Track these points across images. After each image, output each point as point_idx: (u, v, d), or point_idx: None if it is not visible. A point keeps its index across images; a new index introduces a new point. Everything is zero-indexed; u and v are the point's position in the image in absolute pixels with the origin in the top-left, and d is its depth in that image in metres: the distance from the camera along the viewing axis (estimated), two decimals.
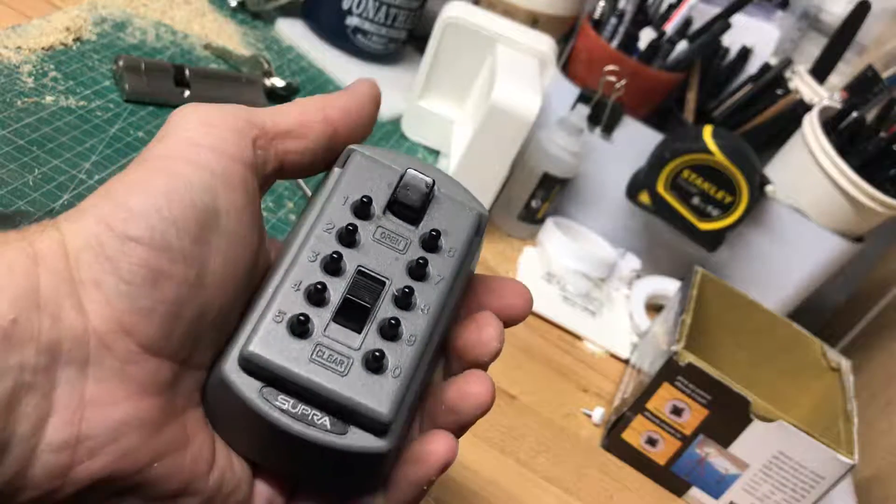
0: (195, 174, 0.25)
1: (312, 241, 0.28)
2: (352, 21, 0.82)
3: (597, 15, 0.78)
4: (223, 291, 0.26)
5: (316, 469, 0.28)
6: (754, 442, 0.55)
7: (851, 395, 0.61)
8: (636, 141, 0.75)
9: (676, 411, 0.57)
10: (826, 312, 0.96)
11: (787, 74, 0.81)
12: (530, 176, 0.73)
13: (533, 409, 0.60)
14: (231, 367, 0.26)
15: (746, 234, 0.76)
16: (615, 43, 0.77)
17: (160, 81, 0.65)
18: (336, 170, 0.30)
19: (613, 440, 0.60)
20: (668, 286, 0.77)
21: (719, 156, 0.68)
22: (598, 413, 0.62)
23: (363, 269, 0.28)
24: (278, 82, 0.72)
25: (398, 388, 0.26)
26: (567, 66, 0.79)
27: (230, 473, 0.27)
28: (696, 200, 0.72)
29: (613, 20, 0.77)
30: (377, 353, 0.26)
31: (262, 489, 0.28)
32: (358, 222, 0.28)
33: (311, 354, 0.26)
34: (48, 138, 0.56)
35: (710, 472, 0.58)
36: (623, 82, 0.72)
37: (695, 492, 0.59)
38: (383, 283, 0.28)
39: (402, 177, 0.29)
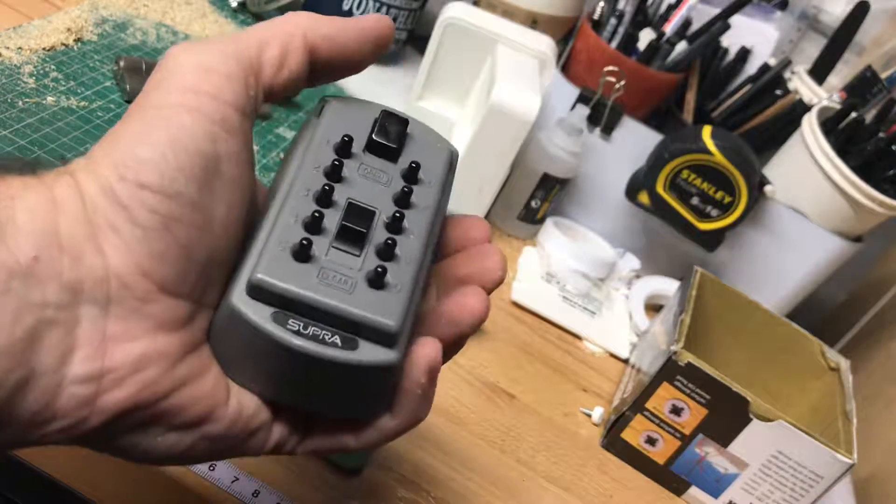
0: (196, 123, 0.26)
1: (302, 178, 0.29)
2: None
3: (596, 15, 0.78)
4: (228, 234, 0.27)
5: (330, 391, 0.28)
6: (753, 441, 0.56)
7: (850, 394, 0.61)
8: (636, 141, 0.75)
9: (676, 411, 0.57)
10: (825, 312, 0.96)
11: (787, 75, 0.81)
12: (530, 176, 0.74)
13: (533, 409, 0.60)
14: (239, 297, 0.26)
15: (746, 234, 0.76)
16: (615, 43, 0.77)
17: None
18: (314, 120, 0.31)
19: (613, 439, 0.60)
20: (667, 286, 0.78)
21: (718, 156, 0.69)
22: (598, 412, 0.62)
23: (353, 201, 0.29)
24: None
25: (402, 301, 0.28)
26: (567, 67, 0.79)
27: (248, 400, 0.28)
28: (695, 200, 0.72)
29: (613, 21, 0.77)
30: (380, 270, 0.27)
31: (277, 428, 0.29)
32: (342, 160, 0.30)
33: (317, 276, 0.27)
34: (49, 139, 0.56)
35: (710, 472, 0.58)
36: (622, 83, 0.72)
37: (694, 491, 0.59)
38: (373, 213, 0.29)
39: (378, 117, 0.31)
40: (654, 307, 0.78)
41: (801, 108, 0.77)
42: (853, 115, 0.71)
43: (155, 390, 0.25)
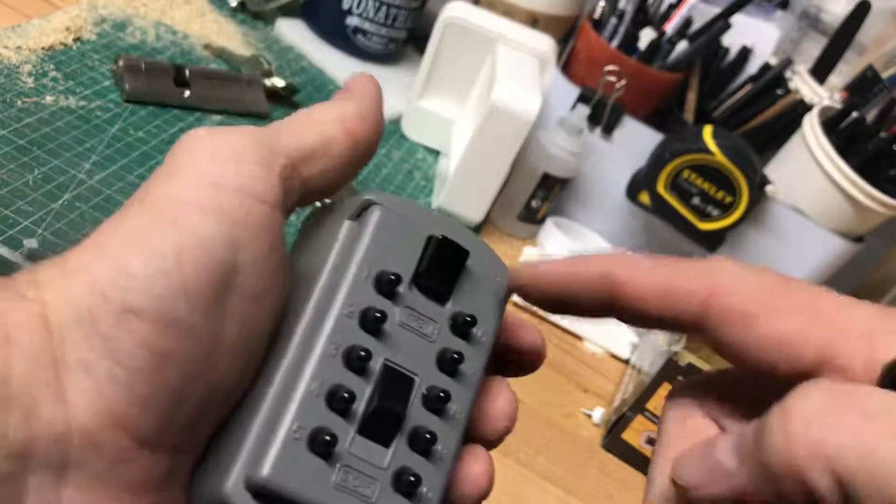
0: (214, 225, 0.20)
1: (331, 327, 0.22)
2: (352, 21, 0.82)
3: (597, 15, 0.78)
4: (237, 363, 0.21)
5: None
6: None
7: None
8: (636, 141, 0.75)
9: None
10: None
11: (787, 74, 0.81)
12: (530, 176, 0.73)
13: (533, 409, 0.60)
14: (235, 490, 0.20)
15: (746, 234, 0.76)
16: (615, 43, 0.77)
17: (160, 81, 0.65)
18: (346, 223, 0.24)
19: (614, 440, 0.60)
20: None
21: (719, 156, 0.68)
22: (599, 413, 0.62)
23: (390, 365, 0.23)
24: (278, 82, 0.72)
25: None
26: (567, 66, 0.79)
27: None
28: (696, 200, 0.72)
29: (613, 20, 0.77)
30: (412, 479, 0.22)
31: None
32: (385, 304, 0.23)
33: (335, 478, 0.21)
34: (48, 138, 0.56)
35: None
36: (623, 82, 0.72)
37: None
38: (412, 382, 0.23)
39: (432, 244, 0.24)
40: None
41: (802, 107, 0.77)
42: (854, 114, 0.71)
43: None
